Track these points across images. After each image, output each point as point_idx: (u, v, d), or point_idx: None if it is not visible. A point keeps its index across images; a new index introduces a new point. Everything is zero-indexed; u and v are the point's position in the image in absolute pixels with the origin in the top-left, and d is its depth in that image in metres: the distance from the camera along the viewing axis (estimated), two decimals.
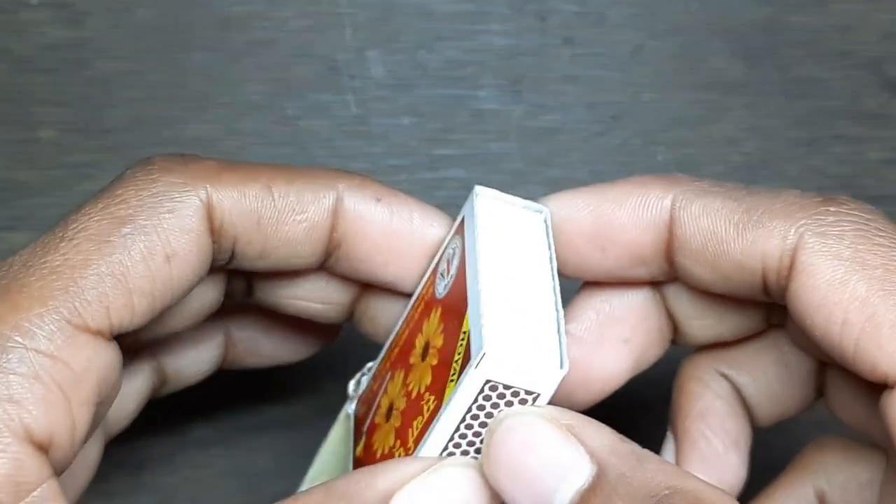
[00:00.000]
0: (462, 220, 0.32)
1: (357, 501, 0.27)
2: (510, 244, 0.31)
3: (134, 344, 0.32)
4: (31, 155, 0.42)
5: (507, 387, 0.28)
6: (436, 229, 0.32)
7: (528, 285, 0.30)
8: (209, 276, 0.32)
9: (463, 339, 0.28)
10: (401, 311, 0.34)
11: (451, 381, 0.28)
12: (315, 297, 0.34)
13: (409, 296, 0.33)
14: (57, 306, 0.27)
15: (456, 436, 0.28)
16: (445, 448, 0.28)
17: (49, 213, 0.40)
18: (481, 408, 0.28)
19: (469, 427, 0.28)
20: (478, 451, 0.28)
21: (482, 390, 0.28)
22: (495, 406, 0.28)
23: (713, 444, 0.33)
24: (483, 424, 0.28)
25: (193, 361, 0.36)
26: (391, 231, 0.32)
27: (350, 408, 0.35)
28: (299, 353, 0.37)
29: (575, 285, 0.33)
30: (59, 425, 0.27)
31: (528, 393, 0.28)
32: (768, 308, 0.32)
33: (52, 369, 0.27)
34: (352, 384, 0.35)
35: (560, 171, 0.43)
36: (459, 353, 0.28)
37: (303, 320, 0.35)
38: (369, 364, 0.35)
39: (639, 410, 0.38)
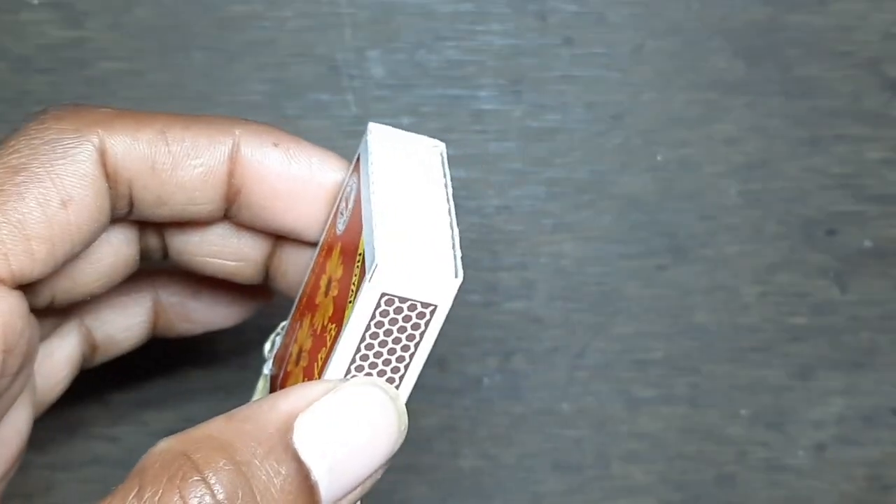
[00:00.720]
0: (358, 158, 0.32)
1: (260, 424, 0.27)
2: (404, 170, 0.31)
3: (53, 307, 0.32)
4: None
5: (403, 299, 0.27)
6: (335, 174, 0.32)
7: (421, 206, 0.30)
8: (118, 231, 0.32)
9: (359, 262, 0.28)
10: (308, 272, 0.34)
11: (350, 302, 0.28)
12: (227, 254, 0.34)
13: (315, 245, 0.33)
14: None
15: (357, 357, 0.28)
16: (348, 371, 0.28)
17: None
18: (380, 325, 0.28)
19: (370, 347, 0.28)
20: (380, 372, 0.28)
21: (378, 304, 0.27)
22: (394, 322, 0.28)
23: None
24: (383, 343, 0.28)
25: (122, 327, 0.36)
26: (289, 176, 0.32)
27: (266, 369, 0.35)
28: (231, 318, 0.37)
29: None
30: None
31: (426, 305, 0.28)
32: None
33: None
34: (266, 346, 0.35)
35: (560, 171, 0.42)
36: (356, 275, 0.28)
37: (231, 284, 0.35)
38: (282, 323, 0.35)
39: None
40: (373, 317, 0.28)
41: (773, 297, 0.43)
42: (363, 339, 0.28)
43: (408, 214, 0.29)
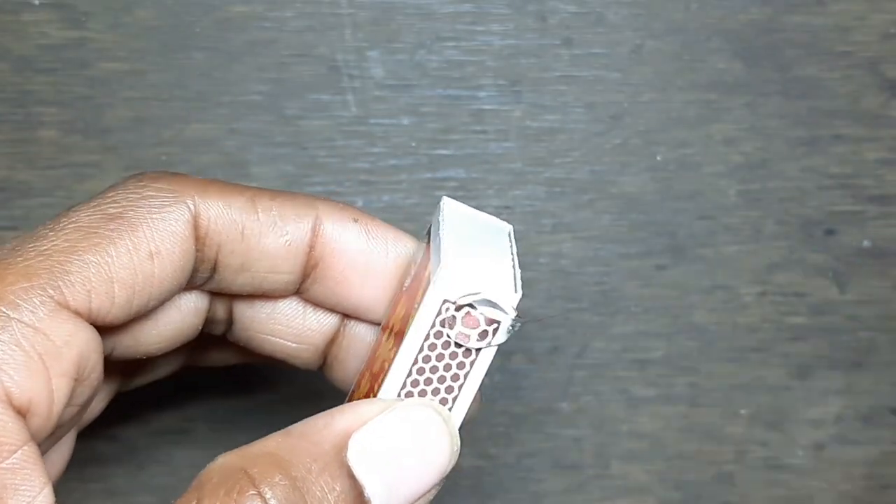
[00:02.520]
0: (429, 229, 0.32)
1: (316, 440, 0.28)
2: (475, 229, 0.32)
3: (109, 359, 0.33)
4: (31, 155, 0.42)
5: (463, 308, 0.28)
6: (407, 250, 0.33)
7: (489, 250, 0.30)
8: (190, 298, 0.33)
9: (425, 286, 0.29)
10: (368, 354, 0.34)
11: (412, 317, 0.28)
12: (290, 335, 0.35)
13: (378, 325, 0.34)
14: (41, 283, 0.28)
15: (414, 370, 0.28)
16: (404, 385, 0.29)
17: (49, 213, 0.40)
18: (439, 335, 0.28)
19: (427, 360, 0.28)
20: (435, 391, 0.29)
21: (440, 312, 0.28)
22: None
23: None
24: (440, 357, 0.28)
25: (162, 358, 0.36)
26: (367, 250, 0.33)
27: None
28: (263, 357, 0.38)
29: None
30: (37, 393, 0.28)
31: (488, 322, 0.28)
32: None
33: (34, 339, 0.28)
34: None
35: (560, 171, 0.43)
36: (421, 294, 0.29)
37: None
38: None
39: None
40: (433, 325, 0.28)
41: (771, 296, 0.43)
42: (421, 349, 0.28)
43: (476, 249, 0.30)
